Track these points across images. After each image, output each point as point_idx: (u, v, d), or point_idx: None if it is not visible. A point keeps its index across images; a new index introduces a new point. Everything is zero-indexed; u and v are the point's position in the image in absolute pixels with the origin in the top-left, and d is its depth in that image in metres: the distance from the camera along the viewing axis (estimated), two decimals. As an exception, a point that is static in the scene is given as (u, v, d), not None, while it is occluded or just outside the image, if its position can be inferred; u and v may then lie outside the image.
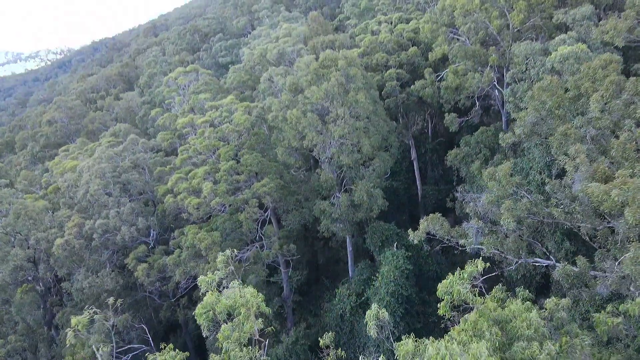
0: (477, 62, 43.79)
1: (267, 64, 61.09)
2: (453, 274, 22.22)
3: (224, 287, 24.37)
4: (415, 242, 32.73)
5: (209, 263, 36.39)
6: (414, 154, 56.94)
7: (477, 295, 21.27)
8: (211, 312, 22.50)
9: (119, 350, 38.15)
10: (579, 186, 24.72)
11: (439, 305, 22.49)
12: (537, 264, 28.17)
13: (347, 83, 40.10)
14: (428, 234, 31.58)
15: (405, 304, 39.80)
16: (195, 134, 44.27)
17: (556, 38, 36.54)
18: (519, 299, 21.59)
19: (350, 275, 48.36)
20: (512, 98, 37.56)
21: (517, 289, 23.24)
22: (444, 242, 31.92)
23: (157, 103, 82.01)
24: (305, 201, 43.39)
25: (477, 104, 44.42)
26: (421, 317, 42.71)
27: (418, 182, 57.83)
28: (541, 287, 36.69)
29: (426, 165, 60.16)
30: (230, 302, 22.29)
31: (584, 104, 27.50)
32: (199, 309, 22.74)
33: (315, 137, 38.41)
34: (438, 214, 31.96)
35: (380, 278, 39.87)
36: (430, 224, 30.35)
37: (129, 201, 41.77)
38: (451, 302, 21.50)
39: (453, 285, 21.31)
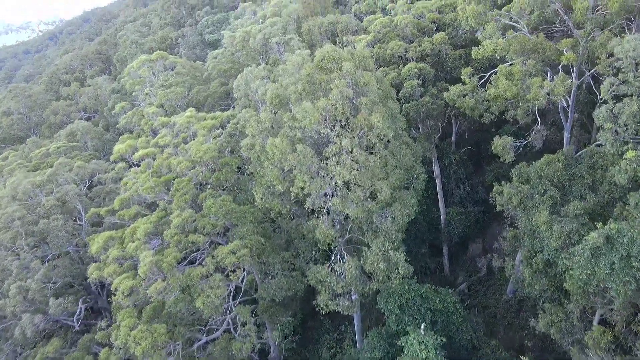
0: (540, 60, 29.31)
1: (251, 51, 46.30)
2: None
3: None
4: None
5: (148, 378, 23.17)
6: (437, 170, 42.92)
7: None
8: None
9: None
10: None
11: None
12: None
13: (355, 96, 25.82)
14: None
15: (438, 415, 26.98)
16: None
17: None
18: None
19: (357, 344, 35.39)
20: (611, 124, 23.36)
21: None
22: None
23: (128, 92, 67.20)
24: (296, 257, 29.91)
25: (539, 120, 30.11)
26: (455, 414, 30.10)
27: (441, 204, 44.05)
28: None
29: (450, 180, 46.23)
30: None
31: None
32: None
33: (309, 183, 24.46)
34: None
35: (402, 381, 26.82)
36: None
37: (44, 263, 28.16)
38: None
39: None
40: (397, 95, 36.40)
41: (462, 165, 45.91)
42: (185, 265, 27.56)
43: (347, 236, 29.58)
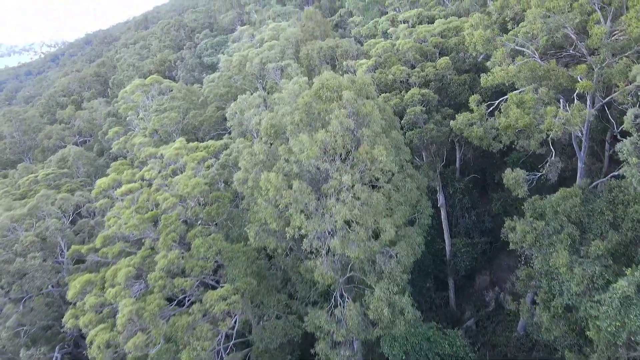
0: (552, 87, 27.38)
1: (248, 75, 44.57)
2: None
3: None
4: None
5: None
6: (441, 200, 40.70)
7: None
8: None
9: None
10: None
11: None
12: None
13: (356, 127, 23.77)
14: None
15: None
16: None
17: None
18: None
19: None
20: (637, 159, 21.24)
21: None
22: None
23: (123, 116, 65.52)
24: (293, 299, 27.46)
25: (553, 151, 28.02)
26: None
27: (446, 235, 41.64)
28: None
29: (454, 209, 43.90)
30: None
31: None
32: None
33: (306, 223, 22.20)
34: None
35: None
36: None
37: (19, 304, 25.74)
38: None
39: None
40: (400, 122, 34.47)
41: (468, 194, 43.63)
42: (175, 304, 25.17)
43: (347, 275, 27.20)
